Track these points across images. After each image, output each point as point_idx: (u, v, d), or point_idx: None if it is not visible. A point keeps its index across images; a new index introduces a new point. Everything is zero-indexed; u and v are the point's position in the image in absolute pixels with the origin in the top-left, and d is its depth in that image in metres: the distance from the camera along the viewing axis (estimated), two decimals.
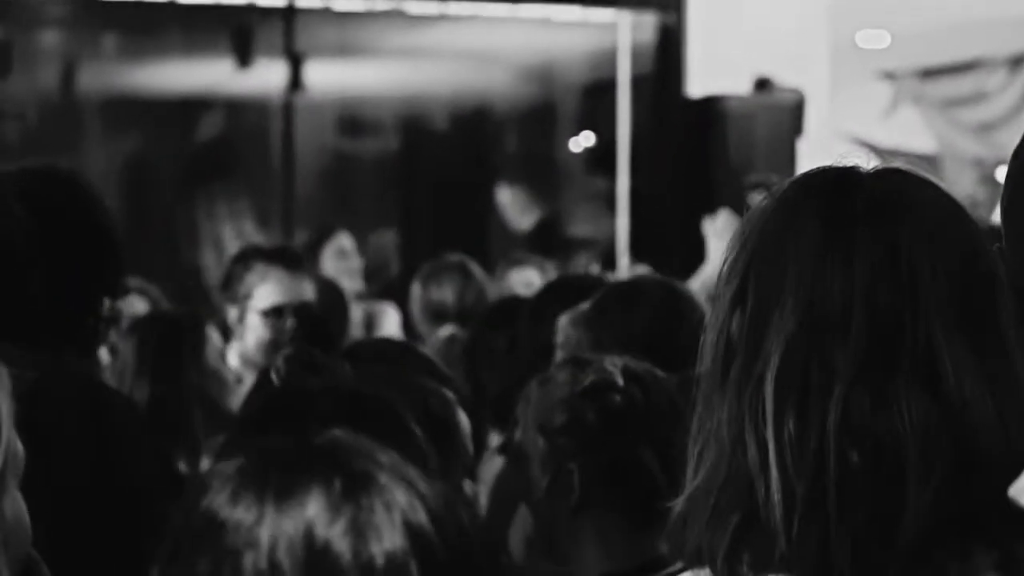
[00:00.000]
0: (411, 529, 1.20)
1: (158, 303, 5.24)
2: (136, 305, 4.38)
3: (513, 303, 4.09)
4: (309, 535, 1.19)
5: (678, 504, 1.47)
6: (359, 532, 1.19)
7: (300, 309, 4.16)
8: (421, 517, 1.21)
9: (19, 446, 1.56)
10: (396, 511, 1.21)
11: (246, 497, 1.21)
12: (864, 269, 1.42)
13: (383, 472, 1.22)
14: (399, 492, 1.22)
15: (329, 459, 1.23)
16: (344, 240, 6.64)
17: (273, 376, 2.10)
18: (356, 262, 6.60)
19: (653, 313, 3.11)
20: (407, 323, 6.02)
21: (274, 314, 4.15)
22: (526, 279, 5.68)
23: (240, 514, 1.21)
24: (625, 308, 3.12)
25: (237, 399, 3.59)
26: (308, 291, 4.23)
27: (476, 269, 5.57)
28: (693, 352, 3.12)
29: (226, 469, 1.24)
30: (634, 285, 3.35)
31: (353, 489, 1.21)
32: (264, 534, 1.19)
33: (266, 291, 4.18)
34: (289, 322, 4.11)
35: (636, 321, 3.08)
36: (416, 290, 5.54)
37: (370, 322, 5.65)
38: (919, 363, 1.41)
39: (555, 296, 3.83)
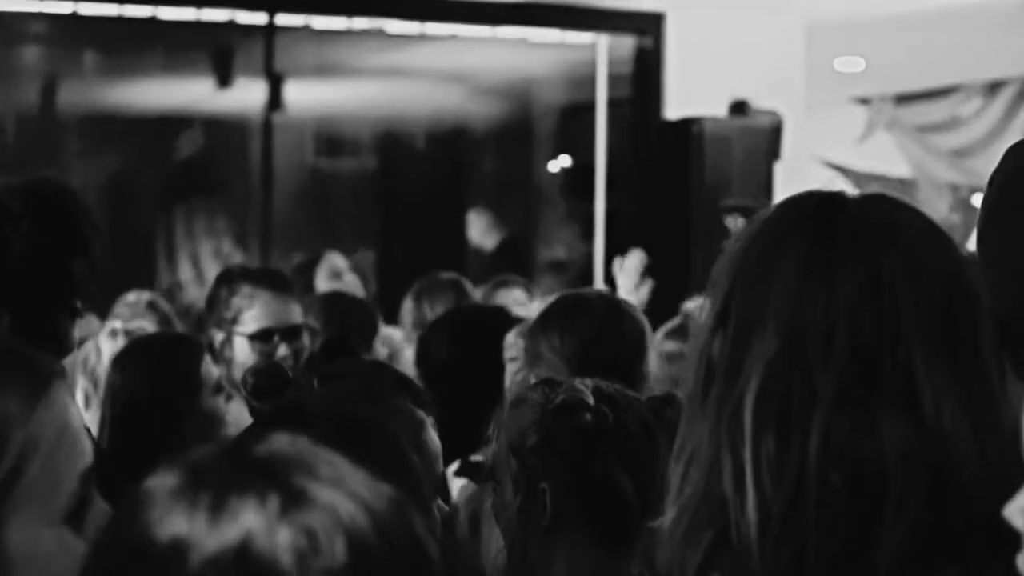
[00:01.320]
0: (353, 545, 1.13)
1: (168, 320, 5.23)
2: (140, 320, 4.32)
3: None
4: (242, 555, 1.11)
5: (658, 524, 1.48)
6: (296, 551, 1.11)
7: (289, 332, 4.13)
8: (365, 531, 1.14)
9: (59, 474, 1.45)
10: (337, 527, 1.13)
11: (177, 516, 1.13)
12: (847, 293, 1.43)
13: (323, 485, 1.15)
14: (341, 504, 1.14)
15: (265, 473, 1.15)
16: (336, 260, 6.59)
17: (242, 389, 2.09)
18: (351, 279, 6.54)
19: (594, 328, 3.12)
20: None
21: (262, 338, 4.11)
22: (514, 298, 5.68)
23: (169, 534, 1.13)
24: (566, 322, 3.13)
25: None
26: (296, 314, 4.18)
27: (470, 287, 5.57)
28: (630, 368, 3.15)
29: (157, 486, 1.16)
30: (577, 299, 3.32)
31: (289, 506, 1.13)
32: (195, 555, 1.11)
33: (254, 314, 4.11)
34: (281, 348, 4.07)
35: (575, 335, 3.09)
36: (408, 306, 5.51)
37: (391, 351, 5.57)
38: (899, 388, 1.41)
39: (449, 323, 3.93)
